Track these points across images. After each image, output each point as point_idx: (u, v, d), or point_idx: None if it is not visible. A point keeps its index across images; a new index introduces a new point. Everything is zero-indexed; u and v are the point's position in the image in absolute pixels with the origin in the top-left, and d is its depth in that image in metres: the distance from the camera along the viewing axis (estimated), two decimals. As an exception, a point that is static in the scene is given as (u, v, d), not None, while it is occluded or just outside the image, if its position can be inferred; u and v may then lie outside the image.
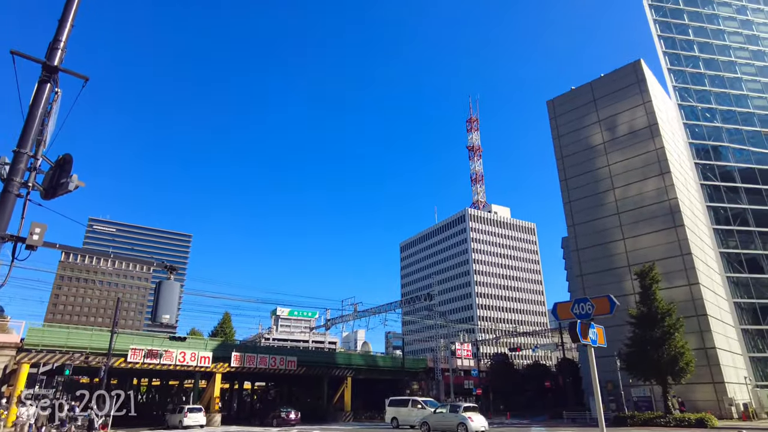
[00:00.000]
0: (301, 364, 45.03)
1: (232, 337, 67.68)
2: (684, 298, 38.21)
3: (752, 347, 48.08)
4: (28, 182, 5.96)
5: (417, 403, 31.19)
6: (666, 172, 42.76)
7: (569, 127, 51.32)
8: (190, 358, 38.57)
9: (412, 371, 55.09)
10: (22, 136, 5.98)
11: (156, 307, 7.03)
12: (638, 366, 31.20)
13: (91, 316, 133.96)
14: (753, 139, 59.18)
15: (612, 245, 44.35)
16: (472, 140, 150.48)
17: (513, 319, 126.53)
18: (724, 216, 53.46)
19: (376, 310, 51.62)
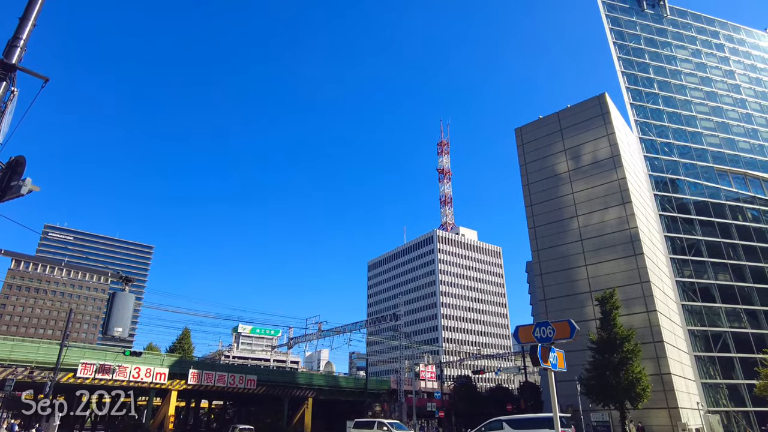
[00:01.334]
0: (261, 383, 43.84)
1: (190, 353, 65.41)
2: (642, 324, 39.27)
3: (704, 374, 49.61)
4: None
5: (383, 425, 30.27)
6: (627, 202, 44.30)
7: (536, 155, 52.74)
8: (146, 374, 37.04)
9: (375, 392, 54.42)
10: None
11: (108, 320, 6.70)
12: (597, 390, 31.72)
13: (40, 327, 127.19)
14: (706, 174, 62.18)
15: (574, 271, 45.39)
16: (442, 163, 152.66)
17: (477, 341, 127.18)
18: (680, 246, 55.60)
19: (340, 330, 50.98)
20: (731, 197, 61.93)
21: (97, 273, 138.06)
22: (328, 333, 51.55)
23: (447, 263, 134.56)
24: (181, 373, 39.37)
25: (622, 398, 30.89)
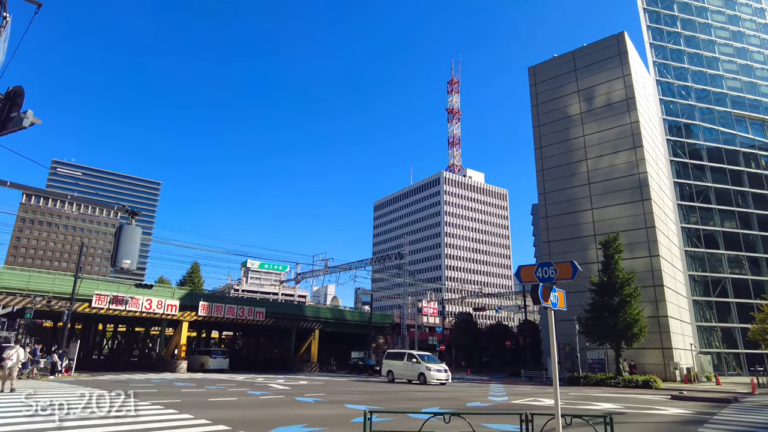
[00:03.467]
0: (269, 315, 45.41)
1: (200, 287, 67.43)
2: (644, 268, 39.73)
3: (700, 317, 50.82)
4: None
5: (412, 357, 31.08)
6: (638, 146, 43.48)
7: (548, 96, 51.28)
8: (157, 305, 38.39)
9: (379, 326, 56.40)
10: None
11: (116, 252, 6.82)
12: (595, 330, 32.62)
13: (54, 260, 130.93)
14: (723, 120, 60.53)
15: (580, 214, 45.39)
16: (452, 102, 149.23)
17: (479, 280, 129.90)
18: (689, 192, 55.20)
19: (346, 267, 52.08)
20: (746, 144, 60.62)
21: (104, 207, 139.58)
22: (334, 270, 52.74)
23: (453, 205, 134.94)
24: (191, 305, 40.77)
25: (619, 338, 31.82)
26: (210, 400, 16.39)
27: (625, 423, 12.52)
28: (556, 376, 7.57)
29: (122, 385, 21.99)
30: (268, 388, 23.08)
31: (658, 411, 16.11)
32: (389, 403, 17.27)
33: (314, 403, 16.76)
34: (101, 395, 13.27)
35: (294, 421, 11.76)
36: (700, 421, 13.56)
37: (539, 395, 22.18)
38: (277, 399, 17.72)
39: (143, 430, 9.91)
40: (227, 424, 10.81)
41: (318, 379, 32.31)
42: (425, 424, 8.21)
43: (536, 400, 19.43)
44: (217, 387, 22.56)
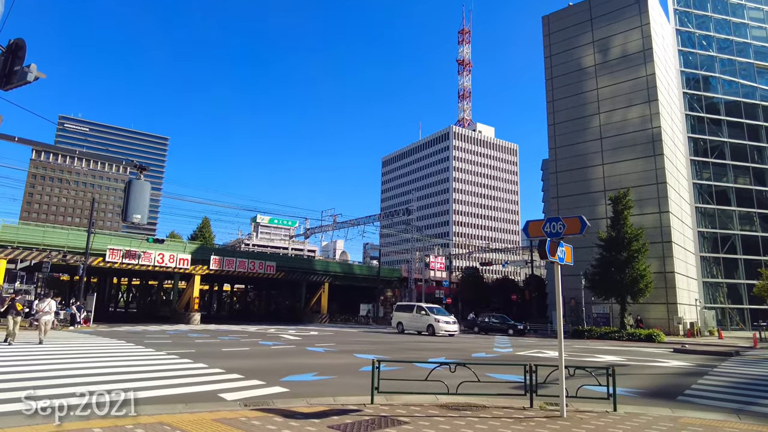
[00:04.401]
0: (279, 269, 46.18)
1: (211, 241, 68.42)
2: (653, 224, 39.57)
3: (707, 273, 50.99)
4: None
5: (421, 309, 31.79)
6: (653, 100, 42.32)
7: (562, 46, 49.58)
8: (169, 259, 39.13)
9: (387, 280, 57.31)
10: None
11: (126, 207, 6.89)
12: (601, 285, 32.90)
13: (67, 216, 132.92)
14: (744, 71, 58.43)
15: (591, 170, 44.84)
16: (463, 53, 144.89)
17: (487, 236, 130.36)
18: (703, 148, 54.10)
19: (355, 222, 52.40)
20: (767, 97, 58.71)
21: (113, 162, 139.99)
22: (343, 225, 53.11)
23: (462, 160, 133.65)
24: (203, 259, 41.51)
25: (624, 293, 32.12)
26: (223, 350, 16.96)
27: (626, 375, 12.84)
28: (561, 329, 7.71)
29: (138, 335, 22.77)
30: (279, 338, 23.79)
31: (659, 363, 16.47)
32: (397, 353, 17.79)
33: (324, 352, 17.30)
34: (121, 345, 13.76)
35: (305, 370, 12.18)
36: (701, 373, 13.86)
37: (543, 347, 22.69)
38: (289, 349, 18.30)
39: (160, 377, 10.32)
40: (240, 372, 11.22)
41: (328, 330, 33.20)
42: (431, 373, 8.48)
43: (540, 352, 19.90)
44: (230, 338, 23.29)
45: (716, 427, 6.87)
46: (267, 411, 7.07)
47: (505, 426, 6.53)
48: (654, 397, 9.67)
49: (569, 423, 6.82)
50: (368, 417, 6.84)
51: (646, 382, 11.92)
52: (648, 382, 11.82)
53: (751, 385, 11.95)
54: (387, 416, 6.93)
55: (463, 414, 7.27)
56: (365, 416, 6.89)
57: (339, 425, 6.28)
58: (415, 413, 7.25)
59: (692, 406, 8.74)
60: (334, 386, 9.86)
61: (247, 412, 6.92)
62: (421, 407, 7.74)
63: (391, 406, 7.71)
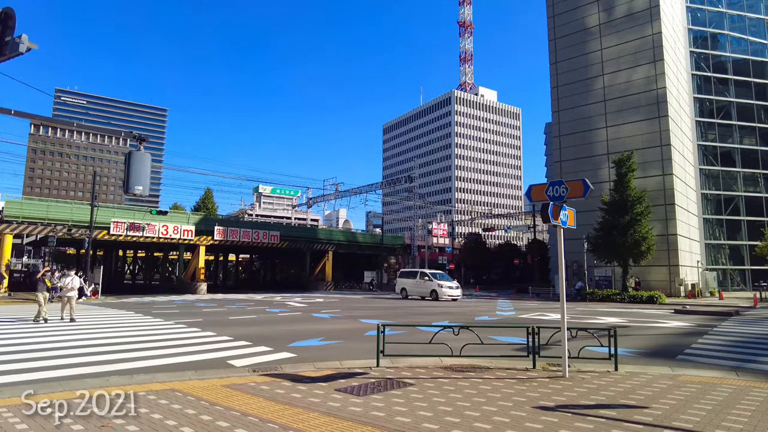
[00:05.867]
0: (283, 238, 46.47)
1: (214, 212, 68.61)
2: (656, 187, 39.38)
3: (710, 235, 51.07)
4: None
5: (425, 275, 32.17)
6: (659, 60, 41.37)
7: (566, 6, 48.16)
8: (173, 231, 39.37)
9: (390, 247, 57.68)
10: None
11: (128, 179, 6.88)
12: (603, 249, 33.04)
13: (69, 190, 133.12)
14: (754, 28, 56.89)
15: (594, 133, 44.32)
16: (464, 15, 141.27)
17: (489, 201, 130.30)
18: (709, 108, 53.27)
19: (357, 191, 52.34)
20: (776, 55, 57.35)
21: (112, 134, 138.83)
22: (345, 194, 53.08)
23: (464, 125, 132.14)
24: (207, 230, 41.74)
25: (627, 256, 32.28)
26: (230, 318, 17.25)
27: (628, 336, 13.05)
28: (563, 292, 7.79)
29: (146, 306, 23.14)
30: (285, 305, 24.17)
31: (660, 324, 16.70)
32: (402, 318, 18.08)
33: (330, 318, 17.59)
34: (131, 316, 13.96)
35: (311, 335, 12.41)
36: (700, 333, 14.07)
37: (545, 310, 22.99)
38: (295, 315, 18.60)
39: (169, 346, 10.55)
40: (248, 339, 11.45)
41: (333, 297, 33.67)
42: (435, 336, 8.63)
43: (543, 315, 20.17)
44: (237, 306, 23.66)
45: (714, 384, 7.01)
46: (275, 376, 7.24)
47: (509, 386, 6.69)
48: (654, 357, 9.85)
49: (571, 382, 6.97)
50: (374, 379, 7.00)
51: (646, 342, 12.12)
52: (649, 343, 12.02)
53: (749, 344, 12.14)
54: (392, 378, 7.10)
55: (467, 375, 7.44)
56: (371, 379, 7.06)
57: (346, 388, 6.44)
58: (420, 375, 7.41)
59: (692, 365, 8.92)
60: (341, 351, 10.07)
61: (255, 378, 7.09)
62: (425, 369, 7.92)
63: (397, 369, 7.88)
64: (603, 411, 5.44)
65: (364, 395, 6.06)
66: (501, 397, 6.06)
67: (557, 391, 6.39)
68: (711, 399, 6.04)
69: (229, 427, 4.72)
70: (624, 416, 5.22)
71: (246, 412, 5.21)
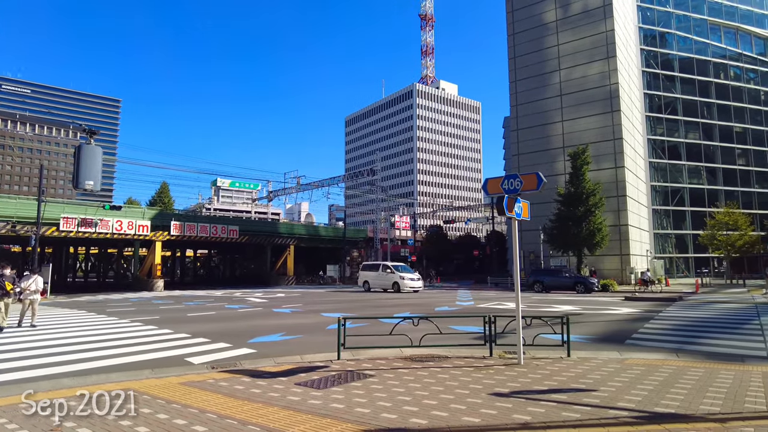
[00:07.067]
0: (243, 233, 45.68)
1: (171, 206, 66.63)
2: (609, 179, 40.97)
3: (658, 225, 53.67)
4: None
5: (387, 268, 32.39)
6: (612, 56, 42.91)
7: (525, 1, 49.21)
8: (128, 226, 38.00)
9: (353, 240, 57.66)
10: None
11: (77, 173, 6.61)
12: (559, 239, 34.19)
13: (14, 184, 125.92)
14: (698, 28, 59.78)
15: (550, 126, 45.61)
16: (426, 8, 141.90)
17: (450, 194, 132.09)
18: (658, 104, 55.75)
19: (319, 184, 51.93)
20: (718, 54, 60.54)
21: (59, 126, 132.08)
22: (307, 187, 52.56)
23: (426, 119, 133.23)
24: (163, 225, 40.52)
25: (581, 246, 33.53)
26: (189, 315, 16.88)
27: (580, 323, 13.60)
28: (518, 282, 8.05)
29: (100, 305, 22.33)
30: (245, 301, 23.82)
31: (611, 311, 17.47)
32: (364, 311, 18.17)
33: (291, 313, 17.48)
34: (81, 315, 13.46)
35: (272, 331, 12.33)
36: (647, 318, 14.83)
37: (503, 300, 23.60)
38: (255, 311, 18.39)
39: (125, 345, 10.25)
40: (207, 336, 11.25)
41: (295, 292, 33.41)
42: (395, 328, 8.76)
43: (500, 304, 20.70)
44: (196, 303, 23.15)
45: (657, 366, 7.44)
46: (235, 372, 7.18)
47: (466, 374, 6.88)
48: (604, 342, 10.33)
49: (526, 369, 7.24)
50: (335, 372, 7.06)
51: (598, 328, 12.68)
52: (600, 329, 12.58)
53: (689, 327, 12.91)
54: (353, 371, 7.17)
55: (426, 365, 7.60)
56: (332, 372, 7.10)
57: (306, 381, 6.46)
58: (381, 366, 7.52)
59: (638, 349, 9.41)
60: (302, 345, 10.05)
61: (214, 374, 7.01)
62: (386, 360, 8.03)
63: (357, 361, 7.96)
64: (555, 395, 5.68)
65: (325, 388, 6.10)
66: (458, 385, 6.23)
67: (512, 378, 6.62)
68: (653, 380, 6.41)
69: (187, 424, 4.67)
70: (574, 400, 5.48)
71: (204, 409, 5.16)
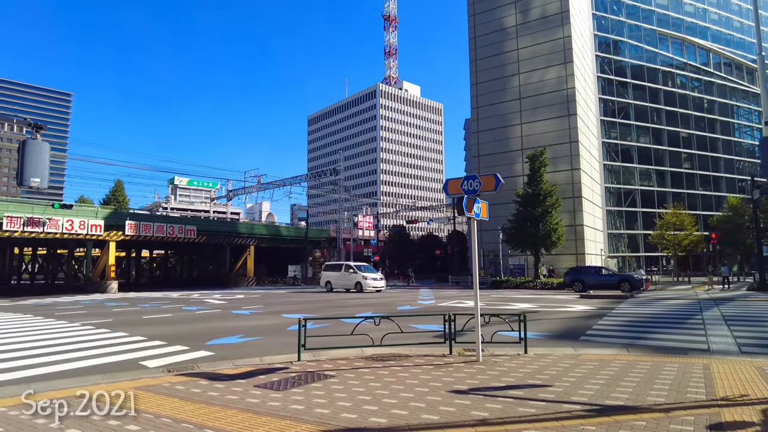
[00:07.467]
0: (201, 233, 44.56)
1: (126, 205, 64.17)
2: (565, 181, 42.29)
3: (611, 225, 55.84)
4: None
5: (349, 268, 32.27)
6: (569, 62, 44.30)
7: (485, 5, 50.14)
8: (79, 226, 36.35)
9: (316, 240, 57.20)
10: None
11: (22, 170, 6.25)
12: (517, 239, 35.04)
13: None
14: (648, 37, 62.56)
15: (510, 129, 46.67)
16: (389, 9, 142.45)
17: (413, 194, 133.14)
18: (612, 108, 58.00)
19: (280, 183, 51.24)
20: (666, 62, 63.52)
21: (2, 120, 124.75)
22: (268, 186, 51.76)
23: (389, 119, 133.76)
24: (117, 225, 39.02)
25: (539, 245, 34.46)
26: (144, 317, 16.35)
27: (537, 320, 13.99)
28: (476, 280, 8.21)
29: (48, 308, 21.29)
30: (204, 303, 23.26)
31: (567, 308, 18.05)
32: (325, 311, 18.06)
33: (251, 314, 17.19)
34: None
35: (231, 333, 12.09)
36: (600, 315, 15.41)
37: (463, 298, 23.96)
38: (214, 313, 17.98)
39: (74, 350, 9.82)
40: (163, 339, 10.93)
41: (255, 293, 32.87)
42: (357, 328, 8.76)
43: (461, 302, 21.02)
44: (152, 305, 22.43)
45: (609, 360, 7.75)
46: (192, 375, 7.00)
47: (426, 372, 6.96)
48: (560, 339, 10.67)
49: (484, 366, 7.38)
50: (295, 374, 6.99)
51: (554, 325, 13.07)
52: (556, 326, 12.98)
53: (640, 323, 13.50)
54: (313, 371, 7.13)
55: (387, 364, 7.63)
56: (292, 373, 7.04)
57: (265, 383, 6.38)
58: (342, 367, 7.50)
59: (592, 344, 9.78)
60: (261, 347, 9.91)
61: (170, 378, 6.82)
62: (347, 360, 8.02)
63: (318, 362, 7.91)
64: (512, 392, 5.83)
65: (284, 390, 6.04)
66: (418, 383, 6.29)
67: (471, 375, 6.75)
68: (605, 374, 6.67)
69: (141, 430, 4.52)
70: (530, 395, 5.64)
71: (159, 414, 5.01)
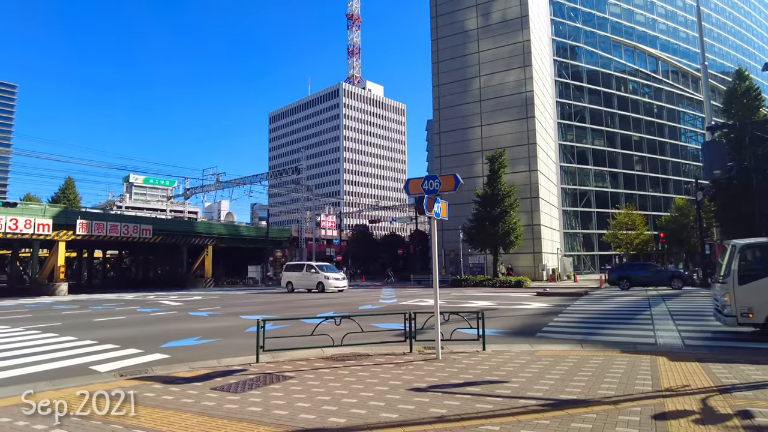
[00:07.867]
0: (157, 232, 43.18)
1: (77, 204, 61.36)
2: (523, 182, 43.34)
3: (567, 225, 57.68)
4: None
5: (311, 268, 31.89)
6: (528, 65, 45.40)
7: (448, 8, 50.75)
8: (25, 225, 34.51)
9: (277, 240, 56.42)
10: None
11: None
12: (477, 238, 35.68)
13: None
14: (603, 44, 64.97)
15: (470, 130, 47.43)
16: (353, 8, 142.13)
17: (376, 194, 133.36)
18: (568, 112, 59.91)
19: (240, 181, 50.25)
20: (619, 68, 66.15)
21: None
22: (227, 185, 50.63)
23: (352, 119, 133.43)
24: (68, 224, 37.28)
25: (498, 245, 35.20)
26: (95, 320, 15.70)
27: (495, 317, 14.29)
28: (436, 279, 8.30)
29: (-11, 310, 20.10)
30: (159, 305, 22.55)
31: (524, 306, 18.52)
32: (286, 312, 17.85)
33: (209, 316, 16.79)
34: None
35: (187, 335, 11.77)
36: (556, 312, 15.89)
37: (425, 296, 24.19)
38: (170, 315, 17.46)
39: (17, 356, 9.32)
40: (115, 342, 10.53)
41: (213, 294, 32.13)
42: (317, 328, 8.70)
43: (422, 301, 21.22)
44: (104, 307, 21.56)
45: (564, 356, 8.00)
46: (145, 379, 6.77)
47: (386, 371, 6.98)
48: (517, 336, 10.93)
49: (443, 363, 7.48)
50: (253, 375, 6.87)
51: (511, 323, 13.38)
52: (513, 323, 13.29)
53: (593, 320, 14.01)
54: (272, 373, 7.02)
55: (347, 364, 7.61)
56: (250, 375, 6.91)
57: (222, 386, 6.24)
58: (301, 367, 7.43)
59: (548, 341, 10.07)
60: (219, 349, 9.70)
61: (123, 383, 6.57)
62: (307, 361, 7.95)
63: (277, 363, 7.81)
64: (470, 388, 5.92)
65: (242, 392, 5.93)
66: (378, 382, 6.31)
67: (430, 373, 6.82)
68: (560, 369, 6.87)
69: (87, 438, 4.33)
70: (488, 391, 5.75)
71: (108, 421, 4.82)
